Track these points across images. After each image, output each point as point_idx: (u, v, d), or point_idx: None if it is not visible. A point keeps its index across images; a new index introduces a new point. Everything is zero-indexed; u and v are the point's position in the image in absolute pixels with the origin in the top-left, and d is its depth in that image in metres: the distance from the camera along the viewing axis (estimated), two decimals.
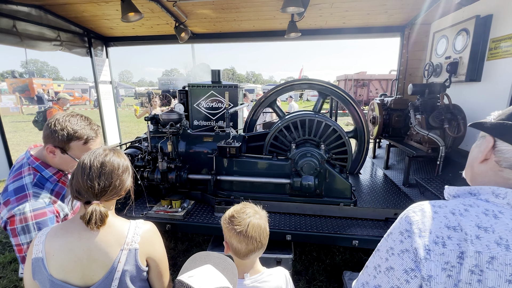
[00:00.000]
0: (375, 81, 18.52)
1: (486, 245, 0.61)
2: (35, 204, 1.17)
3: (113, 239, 0.99)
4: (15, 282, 2.70)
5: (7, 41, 3.25)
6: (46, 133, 1.22)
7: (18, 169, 1.26)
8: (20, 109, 17.63)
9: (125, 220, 1.07)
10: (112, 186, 0.99)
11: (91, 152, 1.01)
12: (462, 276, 0.60)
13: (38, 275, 0.95)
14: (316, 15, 3.88)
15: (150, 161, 2.62)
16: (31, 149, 1.32)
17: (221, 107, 3.64)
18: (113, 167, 1.00)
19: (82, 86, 31.71)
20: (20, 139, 9.25)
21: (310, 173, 2.46)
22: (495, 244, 0.61)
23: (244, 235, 1.10)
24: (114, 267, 0.98)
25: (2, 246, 3.33)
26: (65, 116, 1.24)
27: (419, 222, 0.67)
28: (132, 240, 1.01)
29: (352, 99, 3.09)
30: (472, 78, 2.86)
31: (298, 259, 3.06)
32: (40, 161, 1.27)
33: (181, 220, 2.48)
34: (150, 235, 1.07)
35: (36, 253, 0.96)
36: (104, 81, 5.14)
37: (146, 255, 1.05)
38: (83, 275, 0.96)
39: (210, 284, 0.87)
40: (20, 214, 1.14)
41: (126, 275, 0.99)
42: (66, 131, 1.20)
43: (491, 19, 2.67)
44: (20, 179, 1.22)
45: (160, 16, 3.98)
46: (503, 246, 0.60)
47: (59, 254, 0.95)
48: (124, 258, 0.99)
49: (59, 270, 0.95)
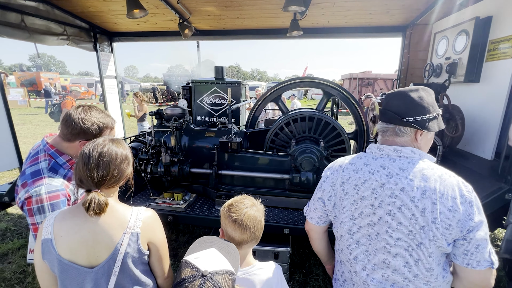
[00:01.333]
0: (380, 81, 18.43)
1: (348, 171, 1.13)
2: (50, 187, 1.27)
3: (117, 223, 1.05)
4: (23, 267, 2.83)
5: (17, 35, 3.34)
6: (76, 131, 1.33)
7: (35, 155, 1.36)
8: (27, 102, 17.90)
9: (128, 206, 1.13)
10: (110, 175, 1.04)
11: (92, 143, 1.07)
12: (337, 187, 1.16)
13: (47, 255, 1.02)
14: (319, 14, 3.92)
15: (153, 155, 2.71)
16: (46, 137, 1.42)
17: (224, 103, 3.71)
18: (111, 157, 1.05)
19: (88, 80, 31.92)
20: (28, 131, 9.43)
21: (309, 169, 2.52)
22: (352, 171, 1.13)
23: (239, 224, 1.15)
24: (117, 249, 1.03)
25: (11, 233, 3.46)
26: (84, 112, 1.35)
27: (330, 164, 1.26)
28: (134, 225, 1.07)
29: (353, 98, 3.13)
30: (470, 79, 2.89)
31: (296, 253, 3.14)
32: (55, 149, 1.37)
33: (182, 212, 2.57)
34: (151, 221, 1.13)
35: (45, 235, 1.02)
36: (109, 76, 5.24)
37: (147, 239, 1.11)
38: (88, 256, 1.03)
39: (214, 266, 0.91)
40: (36, 196, 1.23)
41: (128, 257, 1.06)
42: (97, 125, 1.36)
43: (491, 20, 2.69)
44: (37, 164, 1.32)
45: (164, 13, 4.05)
46: (355, 171, 1.12)
47: (67, 236, 1.01)
48: (127, 241, 1.05)
49: (66, 250, 1.01)
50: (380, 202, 1.04)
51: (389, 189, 1.02)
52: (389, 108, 1.09)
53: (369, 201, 1.06)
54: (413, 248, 1.00)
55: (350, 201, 1.11)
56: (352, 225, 1.12)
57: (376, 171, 1.06)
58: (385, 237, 1.04)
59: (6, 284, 2.59)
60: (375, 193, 1.05)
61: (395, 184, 1.02)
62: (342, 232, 1.15)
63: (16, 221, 3.78)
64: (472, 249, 0.96)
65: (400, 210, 1.00)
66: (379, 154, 1.10)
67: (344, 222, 1.13)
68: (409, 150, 1.05)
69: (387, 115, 1.09)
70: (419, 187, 0.98)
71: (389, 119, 1.09)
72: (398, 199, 1.00)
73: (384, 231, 1.04)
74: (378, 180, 1.05)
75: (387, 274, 1.07)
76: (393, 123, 1.08)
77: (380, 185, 1.04)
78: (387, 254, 1.05)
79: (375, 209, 1.05)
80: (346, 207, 1.12)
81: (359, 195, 1.08)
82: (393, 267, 1.05)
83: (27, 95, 18.75)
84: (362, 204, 1.08)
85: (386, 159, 1.08)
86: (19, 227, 3.61)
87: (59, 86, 24.06)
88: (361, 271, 1.12)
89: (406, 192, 0.99)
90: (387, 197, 1.02)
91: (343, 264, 1.23)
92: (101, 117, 1.38)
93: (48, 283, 1.09)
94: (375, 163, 1.09)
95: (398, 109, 1.06)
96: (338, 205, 1.15)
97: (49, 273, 1.06)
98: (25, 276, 2.71)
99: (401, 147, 1.06)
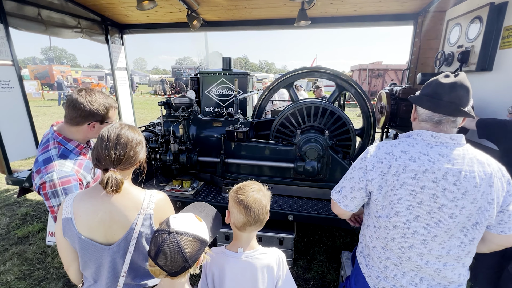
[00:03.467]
0: (390, 72, 17.94)
1: (403, 160, 1.10)
2: (61, 172, 1.33)
3: (131, 205, 1.12)
4: (43, 248, 3.01)
5: (34, 28, 3.45)
6: (86, 113, 1.39)
7: (45, 143, 1.43)
8: (41, 95, 18.40)
9: (141, 189, 1.20)
10: (127, 156, 1.11)
11: (109, 126, 1.14)
12: (389, 177, 1.12)
13: (68, 232, 1.10)
14: (327, 3, 3.86)
15: (163, 144, 2.80)
16: (54, 125, 1.48)
17: (231, 94, 3.75)
18: (128, 139, 1.12)
19: (99, 73, 32.48)
20: (42, 122, 9.77)
21: (313, 158, 2.56)
22: (408, 159, 1.10)
23: (244, 205, 1.20)
24: (132, 228, 1.11)
25: (31, 218, 3.67)
26: (89, 95, 1.40)
27: (371, 151, 1.20)
28: (148, 206, 1.14)
29: (360, 88, 3.12)
30: (483, 68, 2.81)
31: (301, 241, 3.21)
32: (62, 136, 1.43)
33: (190, 199, 2.67)
34: (163, 203, 1.20)
35: (66, 214, 1.10)
36: (120, 68, 5.35)
37: (159, 220, 1.17)
38: (106, 234, 1.10)
39: (185, 227, 0.99)
40: (50, 181, 1.31)
41: (142, 236, 1.13)
42: (104, 106, 1.43)
43: (506, 6, 2.60)
44: (47, 152, 1.39)
45: (173, 4, 4.07)
46: (411, 160, 1.09)
47: (85, 215, 1.09)
48: (141, 221, 1.12)
49: (85, 229, 1.09)
50: (443, 190, 1.05)
51: (453, 177, 1.04)
52: (452, 100, 1.07)
53: (431, 190, 1.06)
54: (469, 228, 1.09)
55: (408, 191, 1.08)
56: (409, 215, 1.09)
57: (436, 160, 1.06)
58: (448, 223, 1.07)
59: (28, 263, 2.78)
60: (437, 181, 1.05)
61: (459, 171, 1.04)
62: (397, 222, 1.12)
63: (35, 206, 3.99)
64: (506, 219, 1.09)
65: (464, 196, 1.04)
66: (434, 142, 1.10)
67: (401, 213, 1.10)
68: (461, 137, 1.10)
69: (449, 107, 1.08)
70: (479, 172, 1.05)
71: (451, 111, 1.08)
72: (462, 186, 1.04)
73: (447, 217, 1.06)
74: (440, 169, 1.05)
75: (442, 255, 1.11)
76: (454, 115, 1.09)
77: (443, 174, 1.05)
78: (446, 237, 1.09)
79: (437, 198, 1.05)
80: (403, 197, 1.09)
81: (419, 185, 1.06)
82: (448, 248, 1.10)
83: (40, 87, 19.26)
84: (422, 193, 1.07)
85: (442, 146, 1.08)
86: (38, 212, 3.82)
87: (71, 78, 24.57)
88: (416, 257, 1.13)
89: (470, 178, 1.04)
90: (451, 185, 1.04)
91: (392, 251, 1.18)
92: (104, 98, 1.44)
93: (69, 258, 1.18)
94: (433, 151, 1.08)
95: (461, 100, 1.07)
96: (390, 194, 1.11)
97: (70, 249, 1.15)
98: (45, 256, 2.90)
99: (456, 135, 1.10)
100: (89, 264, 1.14)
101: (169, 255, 0.94)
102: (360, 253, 1.35)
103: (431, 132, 1.10)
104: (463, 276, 1.16)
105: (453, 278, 1.13)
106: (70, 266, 1.20)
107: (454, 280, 1.14)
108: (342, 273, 2.22)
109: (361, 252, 1.35)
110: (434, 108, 1.10)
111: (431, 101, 1.11)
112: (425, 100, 1.14)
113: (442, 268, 1.11)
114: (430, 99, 1.12)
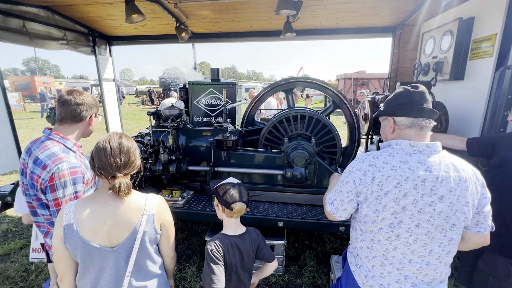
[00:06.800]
0: (374, 80, 18.66)
1: (386, 170, 1.16)
2: (70, 163, 1.39)
3: (135, 207, 1.20)
4: (26, 266, 2.90)
5: (18, 40, 3.42)
6: (88, 106, 1.54)
7: (41, 143, 1.45)
8: (22, 107, 17.84)
9: (140, 193, 1.28)
10: (131, 161, 1.19)
11: (107, 136, 1.20)
12: (373, 188, 1.17)
13: (70, 239, 1.11)
14: (311, 16, 4.05)
15: (152, 154, 2.80)
16: (47, 128, 1.53)
17: (220, 104, 3.81)
18: (128, 146, 1.20)
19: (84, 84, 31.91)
20: (24, 135, 9.46)
21: (301, 164, 2.64)
22: (390, 169, 1.15)
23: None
24: (137, 229, 1.17)
25: (12, 234, 3.52)
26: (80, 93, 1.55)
27: (355, 164, 1.25)
28: (150, 208, 1.23)
29: (344, 97, 3.26)
30: (456, 77, 3.02)
31: (291, 247, 3.24)
32: (60, 135, 1.49)
33: (181, 208, 2.67)
34: (162, 205, 1.32)
35: (67, 220, 1.12)
36: (107, 79, 5.32)
37: (160, 220, 1.27)
38: (109, 237, 1.15)
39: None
40: (59, 172, 1.35)
41: (146, 236, 1.20)
42: (94, 100, 1.60)
43: (473, 21, 2.83)
44: (48, 149, 1.42)
45: (161, 17, 4.15)
46: (393, 170, 1.15)
47: (89, 220, 1.13)
48: (145, 221, 1.20)
49: (89, 233, 1.12)
50: (422, 195, 1.11)
51: (430, 183, 1.11)
52: (428, 105, 1.17)
53: (412, 196, 1.12)
54: (447, 229, 1.16)
55: (392, 199, 1.14)
56: (394, 220, 1.16)
57: (415, 168, 1.12)
58: (427, 226, 1.14)
59: (10, 282, 2.66)
60: (417, 188, 1.11)
61: (436, 177, 1.11)
62: (382, 226, 1.19)
63: (17, 222, 3.84)
64: (482, 220, 1.19)
65: (441, 200, 1.11)
66: (412, 150, 1.16)
67: (386, 218, 1.17)
68: (438, 144, 1.17)
69: (431, 112, 1.17)
70: (454, 177, 1.12)
71: (431, 114, 1.17)
72: (439, 191, 1.11)
73: (426, 220, 1.13)
74: (419, 176, 1.11)
75: (424, 255, 1.18)
76: (434, 117, 1.18)
77: (422, 180, 1.11)
78: (427, 239, 1.16)
79: (417, 202, 1.12)
80: (387, 205, 1.15)
81: (402, 192, 1.12)
82: (430, 248, 1.18)
83: (22, 99, 18.69)
84: (405, 200, 1.13)
85: (420, 154, 1.15)
86: (20, 228, 3.67)
87: (54, 90, 23.97)
88: (400, 256, 1.21)
89: (446, 184, 1.11)
90: (428, 190, 1.11)
91: (378, 252, 1.24)
92: (89, 94, 1.61)
93: (65, 267, 1.18)
94: (412, 159, 1.14)
95: (432, 106, 1.16)
96: (376, 203, 1.17)
97: (69, 257, 1.16)
98: (29, 274, 2.78)
99: (432, 143, 1.16)
100: (90, 270, 1.15)
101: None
102: (350, 253, 1.43)
103: (409, 142, 1.17)
104: (445, 274, 1.24)
105: (435, 276, 1.21)
106: (65, 276, 1.20)
107: (436, 277, 1.22)
108: (332, 276, 2.27)
109: (351, 252, 1.42)
110: (419, 114, 1.17)
111: (413, 108, 1.18)
112: (406, 109, 1.20)
113: (425, 267, 1.19)
114: (411, 107, 1.18)
